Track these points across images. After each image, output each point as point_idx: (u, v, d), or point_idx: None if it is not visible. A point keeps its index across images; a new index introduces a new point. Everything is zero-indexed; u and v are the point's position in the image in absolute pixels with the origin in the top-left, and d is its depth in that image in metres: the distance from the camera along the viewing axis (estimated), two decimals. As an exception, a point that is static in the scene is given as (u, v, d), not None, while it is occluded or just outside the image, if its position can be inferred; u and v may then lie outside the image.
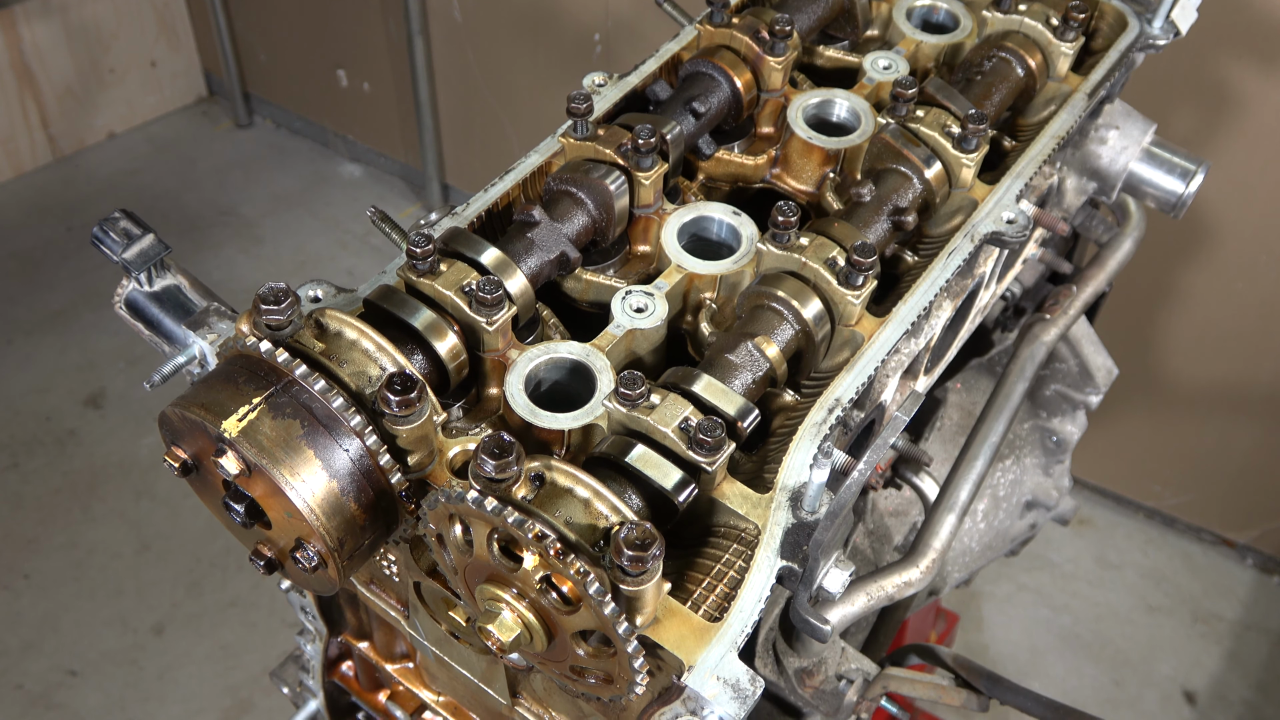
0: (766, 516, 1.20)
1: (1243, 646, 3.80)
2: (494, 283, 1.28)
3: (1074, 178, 1.92)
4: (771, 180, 1.63)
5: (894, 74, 1.66)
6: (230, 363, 1.17)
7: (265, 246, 4.91)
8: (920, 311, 1.41)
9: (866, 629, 2.01)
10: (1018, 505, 2.29)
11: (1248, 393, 3.56)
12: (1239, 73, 2.96)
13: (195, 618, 3.73)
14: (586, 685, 1.20)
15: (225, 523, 1.25)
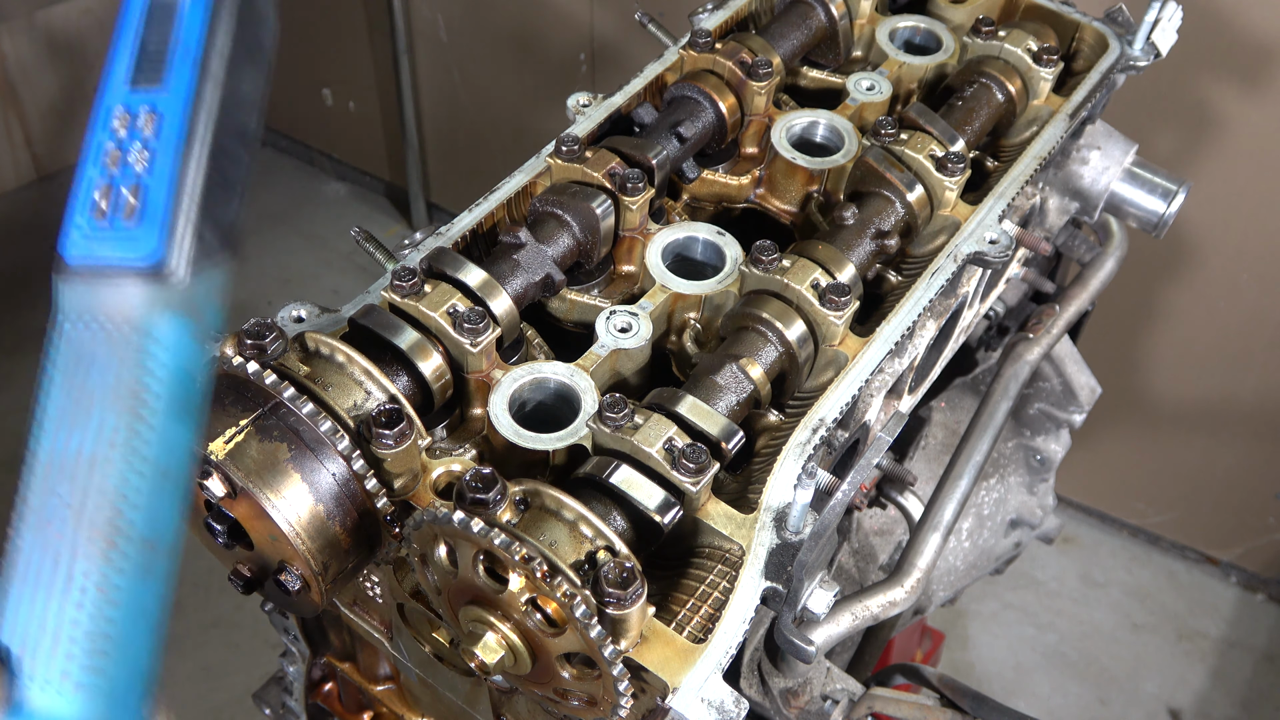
0: (751, 537, 1.20)
1: (1227, 664, 3.81)
2: (479, 305, 1.28)
3: (1056, 198, 1.93)
4: (756, 200, 1.64)
5: (877, 95, 1.67)
6: (216, 383, 1.17)
7: (250, 265, 4.90)
8: (904, 331, 1.41)
9: (852, 649, 2.01)
10: (1002, 524, 2.30)
11: (1230, 411, 3.58)
12: (1219, 94, 2.99)
13: (177, 639, 3.71)
14: (570, 708, 1.20)
15: (205, 542, 1.25)
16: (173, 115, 0.86)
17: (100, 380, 0.84)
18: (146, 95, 0.86)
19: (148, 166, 0.85)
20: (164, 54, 0.87)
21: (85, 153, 0.86)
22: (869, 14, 1.81)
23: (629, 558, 1.10)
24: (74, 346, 0.85)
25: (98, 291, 0.84)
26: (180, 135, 0.85)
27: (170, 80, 0.87)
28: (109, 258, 0.84)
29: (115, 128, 0.86)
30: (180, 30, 0.87)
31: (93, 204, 0.85)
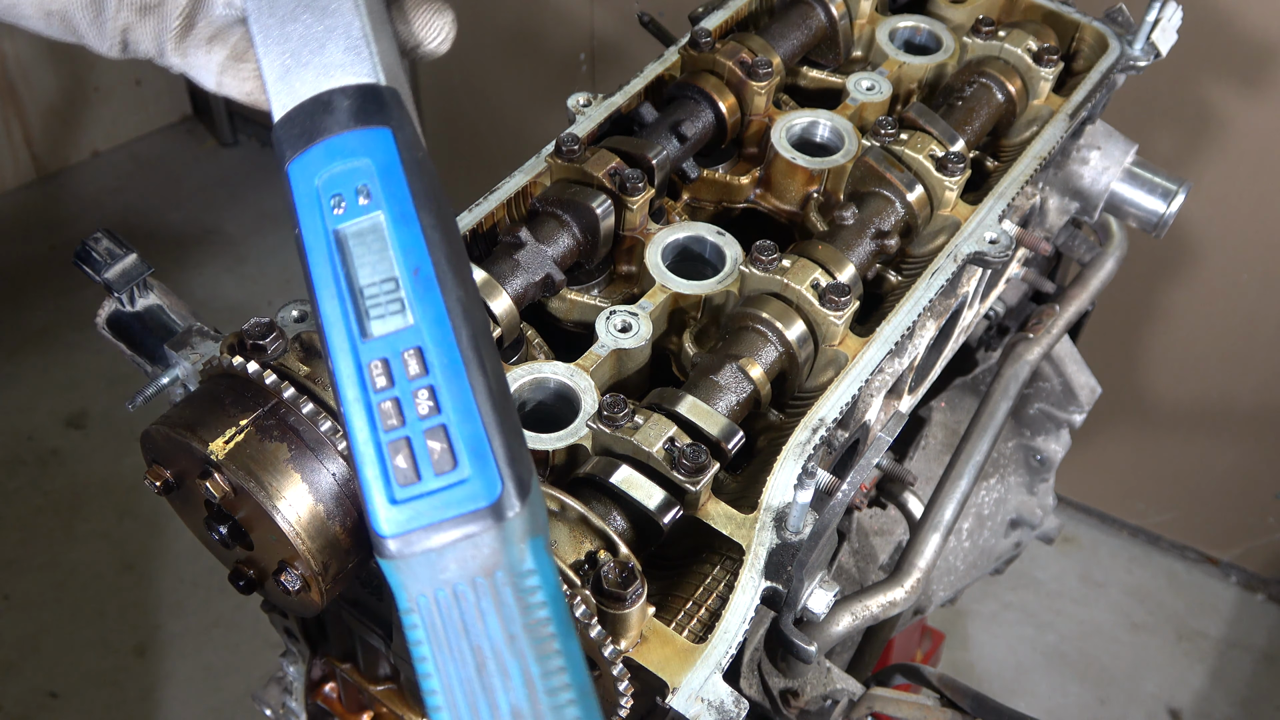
0: (751, 537, 1.20)
1: (1227, 664, 3.81)
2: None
3: (1056, 198, 1.93)
4: (755, 200, 1.64)
5: (877, 95, 1.67)
6: (215, 383, 1.17)
7: (249, 265, 4.90)
8: (904, 331, 1.41)
9: (852, 648, 2.01)
10: (1002, 524, 2.30)
11: (1230, 411, 3.58)
12: (1219, 94, 2.99)
13: (178, 638, 3.71)
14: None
15: (205, 542, 1.25)
16: (438, 343, 0.78)
17: (489, 640, 0.77)
18: (394, 339, 0.78)
19: (437, 406, 0.77)
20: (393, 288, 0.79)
21: (349, 426, 0.78)
22: (869, 14, 1.81)
23: (629, 557, 1.10)
24: (443, 620, 0.77)
25: (441, 556, 0.77)
26: (457, 359, 0.78)
27: (417, 311, 0.78)
28: (440, 516, 0.76)
29: (375, 383, 0.78)
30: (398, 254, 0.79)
31: (393, 469, 0.77)
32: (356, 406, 0.79)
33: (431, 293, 0.79)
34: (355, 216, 0.80)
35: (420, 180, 0.82)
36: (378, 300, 0.79)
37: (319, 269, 0.80)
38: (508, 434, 0.78)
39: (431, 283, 0.79)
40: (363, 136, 0.82)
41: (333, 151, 0.81)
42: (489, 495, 0.77)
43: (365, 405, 0.78)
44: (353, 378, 0.79)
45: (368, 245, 0.80)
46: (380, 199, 0.80)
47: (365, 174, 0.81)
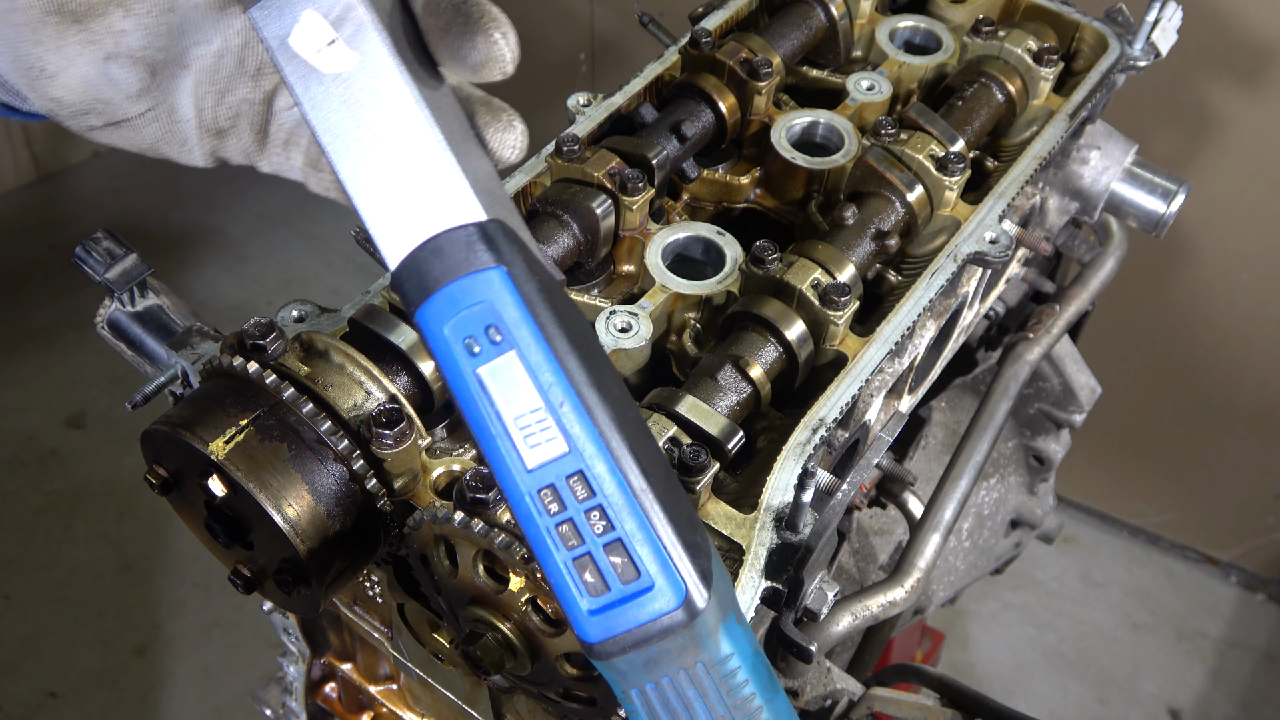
0: (751, 537, 1.20)
1: (1227, 664, 3.81)
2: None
3: (1056, 198, 1.93)
4: (756, 200, 1.64)
5: (877, 95, 1.67)
6: (215, 382, 1.17)
7: (250, 265, 4.90)
8: (904, 331, 1.41)
9: (852, 648, 2.01)
10: (1002, 524, 2.30)
11: (1230, 411, 3.58)
12: (1219, 94, 2.98)
13: (177, 638, 3.71)
14: (571, 708, 1.20)
15: (204, 541, 1.25)
16: (594, 466, 0.83)
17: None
18: (553, 466, 0.83)
19: (610, 524, 0.82)
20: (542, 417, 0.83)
21: (538, 548, 0.84)
22: (869, 14, 1.81)
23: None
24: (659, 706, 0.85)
25: (643, 656, 0.83)
26: (616, 476, 0.83)
27: (569, 438, 0.83)
28: (634, 622, 0.82)
29: (548, 509, 0.83)
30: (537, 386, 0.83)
31: (583, 584, 0.83)
32: (537, 530, 0.84)
33: (579, 417, 0.83)
34: (491, 358, 0.84)
35: (542, 307, 0.84)
36: (531, 431, 0.83)
37: (471, 408, 0.85)
38: (681, 528, 0.84)
39: (579, 407, 0.83)
40: (475, 281, 0.84)
41: (452, 299, 0.84)
42: (676, 598, 0.82)
43: (545, 529, 0.84)
44: (527, 505, 0.84)
45: (509, 382, 0.84)
46: (509, 338, 0.84)
47: (488, 315, 0.84)
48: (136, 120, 1.00)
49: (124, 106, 0.98)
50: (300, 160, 1.00)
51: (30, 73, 0.96)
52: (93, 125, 1.00)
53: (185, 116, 1.00)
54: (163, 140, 1.01)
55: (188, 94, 0.99)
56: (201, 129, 1.00)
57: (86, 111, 0.99)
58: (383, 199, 0.86)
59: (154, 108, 0.99)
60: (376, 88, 0.86)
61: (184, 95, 0.99)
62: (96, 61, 0.95)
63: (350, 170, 0.87)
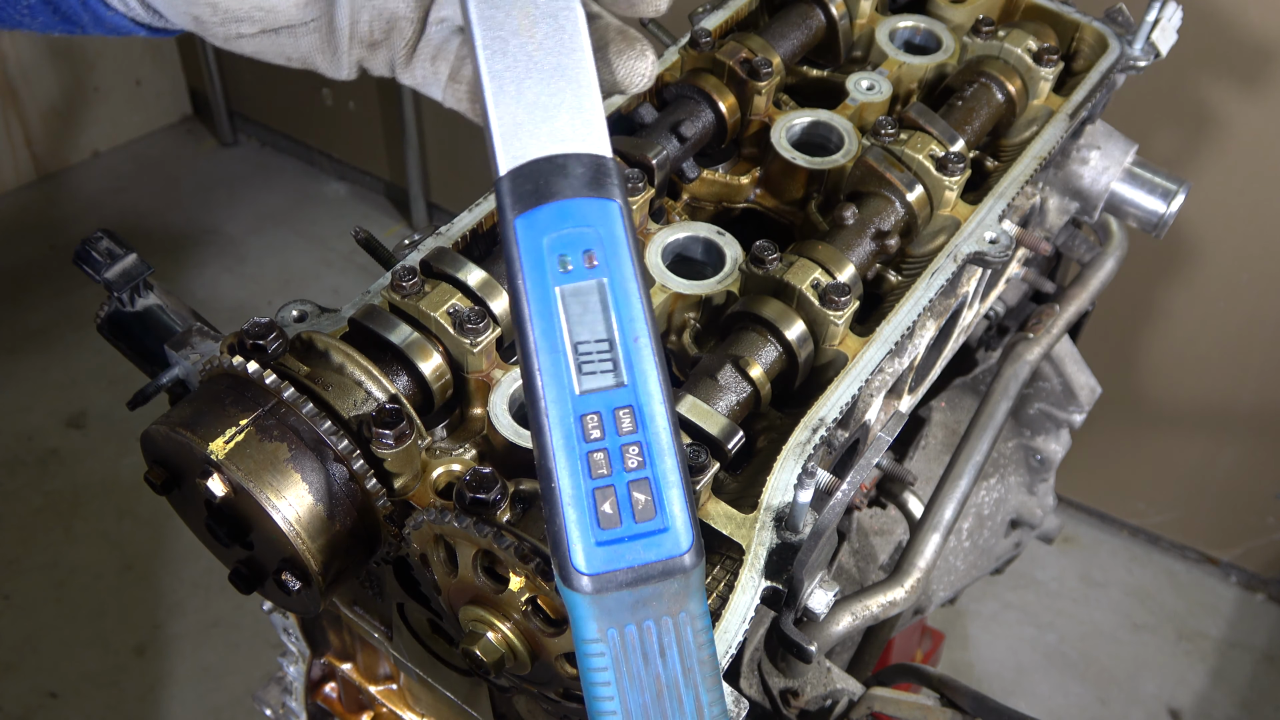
0: (751, 537, 1.20)
1: (1227, 664, 3.81)
2: (479, 304, 1.28)
3: (1056, 198, 1.93)
4: (756, 200, 1.64)
5: (877, 95, 1.67)
6: (216, 382, 1.17)
7: (249, 265, 4.90)
8: (904, 331, 1.41)
9: (852, 648, 2.01)
10: (1002, 524, 2.30)
11: (1230, 411, 3.58)
12: (1219, 94, 2.99)
13: (177, 639, 3.71)
14: (571, 708, 1.20)
15: (205, 541, 1.25)
16: (650, 407, 0.86)
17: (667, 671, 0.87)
18: (607, 396, 0.85)
19: (645, 462, 0.85)
20: (606, 349, 0.86)
21: (555, 470, 0.85)
22: (869, 14, 1.81)
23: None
24: (629, 651, 0.87)
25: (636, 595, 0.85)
26: (667, 424, 0.86)
27: (634, 374, 0.86)
28: (642, 559, 0.85)
29: (587, 435, 0.85)
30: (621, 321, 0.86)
31: (598, 514, 0.85)
32: (567, 454, 0.85)
33: (648, 360, 0.87)
34: (579, 279, 0.86)
35: (637, 254, 0.89)
36: (590, 359, 0.86)
37: (538, 322, 0.86)
38: (691, 498, 0.88)
39: (650, 350, 0.87)
40: (594, 205, 0.87)
41: (564, 214, 0.87)
42: (686, 545, 0.86)
43: (578, 454, 0.85)
44: (567, 427, 0.85)
45: (587, 306, 0.86)
46: (606, 266, 0.87)
47: (593, 240, 0.87)
48: (299, 28, 1.00)
49: (289, 13, 0.98)
50: (445, 72, 1.02)
51: None
52: (243, 33, 0.99)
53: (340, 26, 1.00)
54: (316, 50, 1.02)
55: (345, 4, 0.99)
56: (354, 39, 1.01)
57: (242, 18, 0.98)
58: (521, 104, 0.89)
59: (315, 17, 1.00)
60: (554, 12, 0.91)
61: (343, 6, 0.99)
62: None
63: (499, 70, 0.89)
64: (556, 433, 0.85)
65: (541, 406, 0.86)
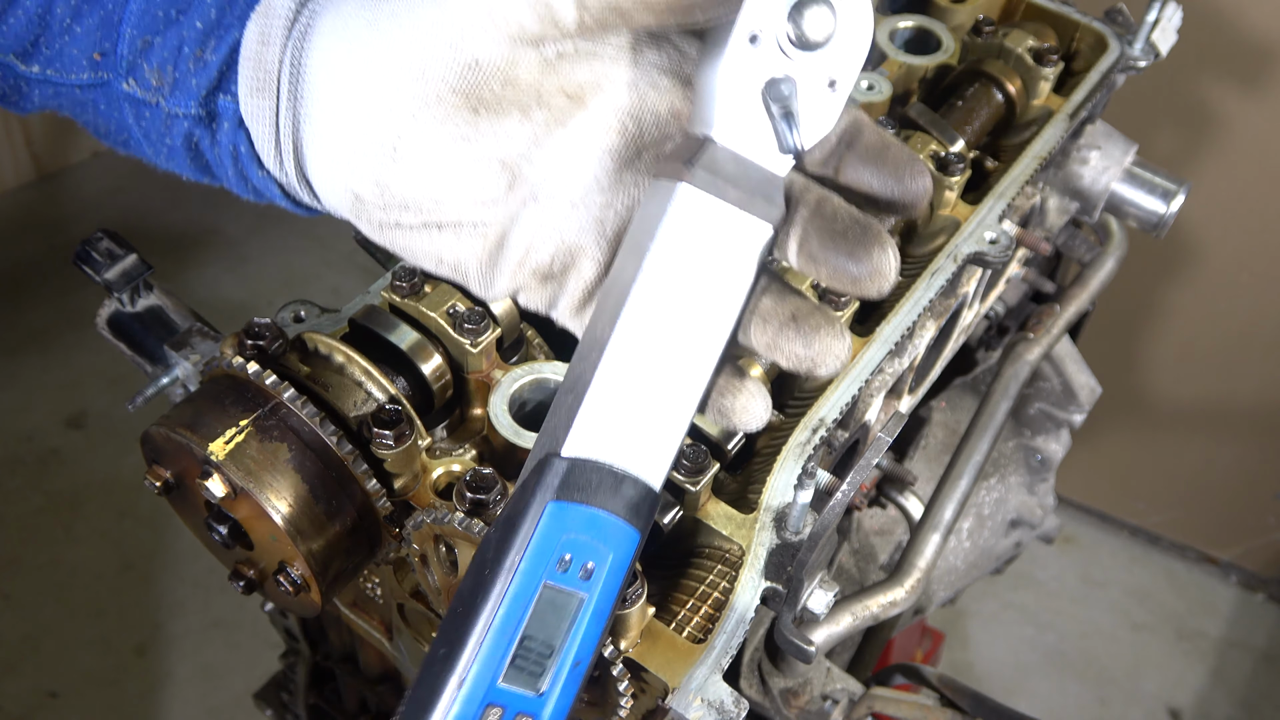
0: (751, 537, 1.20)
1: (1227, 664, 3.81)
2: (479, 305, 1.28)
3: (1056, 198, 1.93)
4: (756, 201, 1.63)
5: (877, 95, 1.67)
6: (215, 383, 1.17)
7: (250, 265, 4.90)
8: (904, 331, 1.41)
9: (852, 648, 2.01)
10: (1002, 524, 2.30)
11: (1230, 411, 3.58)
12: (1219, 94, 2.98)
13: (178, 638, 3.71)
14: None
15: (205, 542, 1.25)
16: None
17: None
18: (521, 699, 0.82)
19: None
20: (545, 655, 0.82)
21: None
22: (869, 14, 1.81)
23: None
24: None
25: None
26: None
27: (554, 694, 0.82)
28: None
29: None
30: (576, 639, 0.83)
31: None
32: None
33: (574, 685, 0.84)
34: (567, 585, 0.83)
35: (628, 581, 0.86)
36: (528, 657, 0.83)
37: (509, 602, 0.82)
38: None
39: (579, 679, 0.84)
40: (621, 529, 0.84)
41: (593, 524, 0.83)
42: None
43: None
44: (471, 707, 0.81)
45: (557, 611, 0.83)
46: (595, 585, 0.84)
47: (600, 558, 0.84)
48: (465, 229, 0.91)
49: (461, 208, 0.90)
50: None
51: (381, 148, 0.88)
52: (402, 222, 0.91)
53: (512, 244, 0.92)
54: (474, 258, 0.92)
55: (528, 223, 0.91)
56: (524, 265, 0.92)
57: (409, 205, 0.90)
58: (620, 401, 0.84)
59: (489, 224, 0.91)
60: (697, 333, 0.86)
61: (524, 223, 0.91)
62: (464, 156, 0.88)
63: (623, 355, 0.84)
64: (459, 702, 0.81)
65: (459, 670, 0.81)
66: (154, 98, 0.96)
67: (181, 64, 0.94)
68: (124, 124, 1.00)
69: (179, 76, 0.94)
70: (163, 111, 0.96)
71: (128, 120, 0.99)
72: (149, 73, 0.95)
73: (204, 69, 0.94)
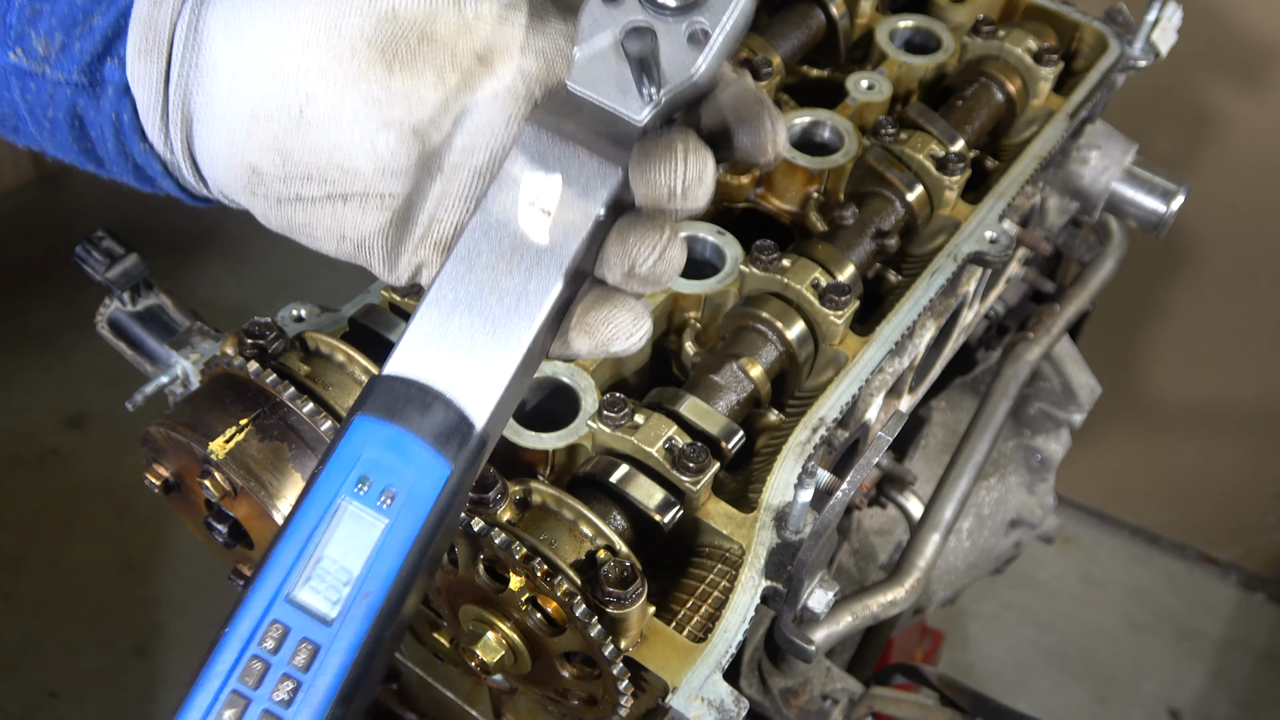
0: (751, 536, 1.20)
1: (1227, 664, 3.81)
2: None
3: (1056, 197, 1.93)
4: (756, 200, 1.64)
5: (877, 95, 1.67)
6: (216, 382, 1.17)
7: (250, 265, 4.90)
8: (904, 331, 1.41)
9: (852, 648, 2.02)
10: (1002, 523, 2.30)
11: (1230, 411, 3.58)
12: (1219, 94, 2.98)
13: (178, 638, 3.71)
14: (570, 707, 1.20)
15: (205, 541, 1.25)
16: (332, 662, 0.77)
17: None
18: (307, 619, 0.78)
19: (290, 703, 0.77)
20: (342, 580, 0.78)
21: (221, 649, 0.79)
22: (869, 14, 1.81)
23: (629, 557, 1.10)
24: None
25: None
26: (335, 684, 0.77)
27: (343, 622, 0.78)
28: None
29: (262, 640, 0.78)
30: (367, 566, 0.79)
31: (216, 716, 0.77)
32: (233, 640, 0.79)
33: (365, 619, 0.78)
34: (366, 506, 0.80)
35: (437, 521, 0.81)
36: (324, 577, 0.79)
37: (304, 516, 0.80)
38: None
39: (371, 612, 0.78)
40: (426, 454, 0.80)
41: (395, 443, 0.80)
42: None
43: (241, 647, 0.79)
44: (254, 618, 0.79)
45: (354, 533, 0.79)
46: (394, 513, 0.80)
47: (402, 483, 0.80)
48: (371, 200, 0.88)
49: (369, 179, 0.86)
50: None
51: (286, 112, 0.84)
52: (304, 195, 0.88)
53: (418, 219, 0.89)
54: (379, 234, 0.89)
55: (433, 196, 0.88)
56: (427, 239, 0.89)
57: (311, 175, 0.86)
58: (442, 328, 0.84)
59: (395, 196, 0.88)
60: (530, 274, 0.85)
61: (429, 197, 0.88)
62: (375, 120, 0.85)
63: (446, 288, 0.85)
64: (243, 616, 0.79)
65: (250, 589, 0.79)
66: (40, 67, 0.91)
67: (70, 29, 0.89)
68: (11, 101, 0.95)
69: (65, 42, 0.89)
70: (48, 81, 0.92)
71: (14, 96, 0.94)
72: (36, 41, 0.90)
73: (90, 33, 0.89)
